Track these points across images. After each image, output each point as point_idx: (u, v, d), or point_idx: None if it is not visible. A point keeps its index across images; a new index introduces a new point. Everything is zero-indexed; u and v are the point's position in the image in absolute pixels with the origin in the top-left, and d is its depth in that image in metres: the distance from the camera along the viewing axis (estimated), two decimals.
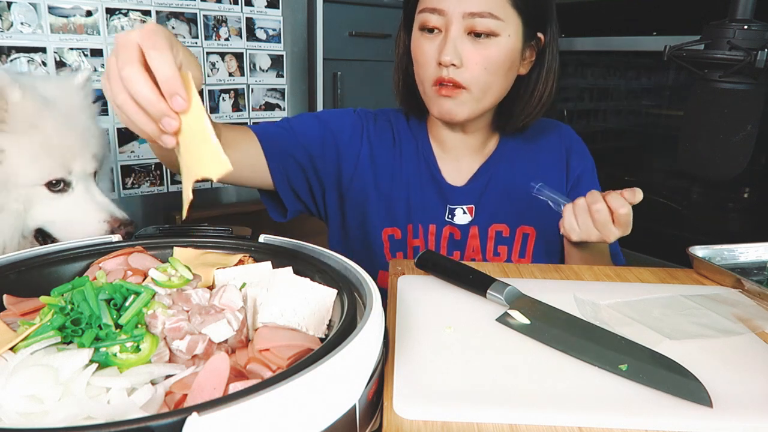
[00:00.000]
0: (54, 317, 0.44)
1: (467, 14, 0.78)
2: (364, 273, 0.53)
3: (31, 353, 0.42)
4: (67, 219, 0.84)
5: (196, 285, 0.51)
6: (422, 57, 0.83)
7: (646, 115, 1.96)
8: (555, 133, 0.99)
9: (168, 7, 1.58)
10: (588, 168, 0.98)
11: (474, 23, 0.78)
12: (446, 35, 0.80)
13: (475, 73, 0.80)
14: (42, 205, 0.83)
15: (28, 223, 0.83)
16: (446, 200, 0.92)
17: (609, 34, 1.81)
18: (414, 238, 0.92)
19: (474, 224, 0.92)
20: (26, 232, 0.84)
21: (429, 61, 0.82)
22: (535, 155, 0.96)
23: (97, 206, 0.87)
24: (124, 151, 1.60)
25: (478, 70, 0.80)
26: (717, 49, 0.62)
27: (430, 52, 0.81)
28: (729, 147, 0.64)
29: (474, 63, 0.80)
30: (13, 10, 1.35)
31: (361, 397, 0.40)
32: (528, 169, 0.94)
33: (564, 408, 0.44)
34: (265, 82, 1.81)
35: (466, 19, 0.79)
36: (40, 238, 0.86)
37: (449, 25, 0.79)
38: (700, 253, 0.77)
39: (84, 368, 0.40)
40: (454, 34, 0.79)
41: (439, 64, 0.80)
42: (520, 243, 0.92)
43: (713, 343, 0.55)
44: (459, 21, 0.79)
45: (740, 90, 0.62)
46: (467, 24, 0.79)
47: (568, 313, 0.58)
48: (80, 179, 0.86)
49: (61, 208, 0.84)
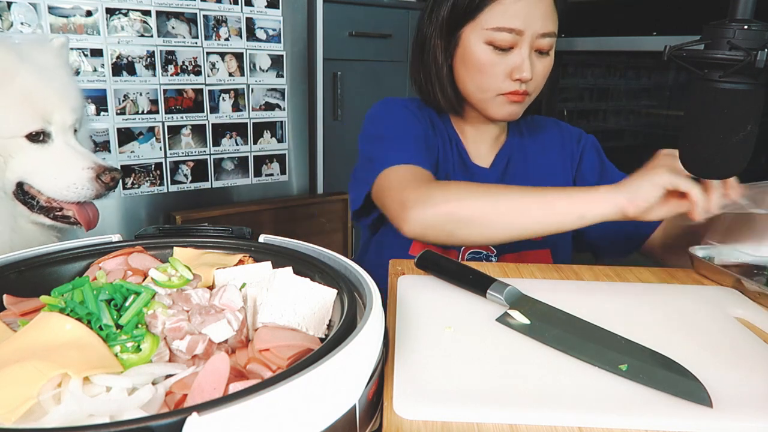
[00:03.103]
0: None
1: (540, 35, 0.88)
2: (364, 273, 0.53)
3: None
4: (49, 168, 0.85)
5: (196, 285, 0.51)
6: (491, 70, 0.89)
7: (646, 115, 1.96)
8: (551, 123, 1.09)
9: (168, 7, 1.58)
10: (589, 143, 1.05)
11: (542, 42, 0.88)
12: (520, 53, 0.88)
13: (538, 83, 0.92)
14: (23, 156, 0.83)
15: (8, 176, 0.84)
16: (474, 180, 0.97)
17: (609, 34, 1.81)
18: None
19: None
20: (7, 187, 0.85)
21: (499, 74, 0.89)
22: (541, 141, 1.04)
23: (79, 154, 0.87)
24: (124, 151, 1.60)
25: (540, 80, 0.92)
26: (717, 49, 0.62)
27: (501, 67, 0.89)
28: (729, 147, 0.64)
29: (539, 75, 0.91)
30: (13, 10, 1.35)
31: (361, 397, 0.40)
32: (537, 153, 1.03)
33: (564, 408, 0.44)
34: (265, 82, 1.81)
35: (537, 39, 0.88)
36: (20, 196, 0.86)
37: (522, 44, 0.88)
38: (700, 253, 0.77)
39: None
40: (527, 52, 0.88)
41: (515, 79, 0.88)
42: None
43: (713, 343, 0.55)
44: (532, 40, 0.88)
45: (740, 90, 0.62)
46: (537, 43, 0.88)
47: (568, 313, 0.58)
48: (60, 131, 0.87)
49: (43, 159, 0.85)
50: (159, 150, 1.66)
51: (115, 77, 1.54)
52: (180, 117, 1.68)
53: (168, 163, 1.68)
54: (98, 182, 0.87)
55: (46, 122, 0.85)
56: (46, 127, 0.85)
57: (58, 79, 0.88)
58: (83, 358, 0.40)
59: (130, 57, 1.55)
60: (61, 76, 0.89)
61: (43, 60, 0.87)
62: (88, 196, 0.87)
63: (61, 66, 0.91)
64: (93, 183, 0.86)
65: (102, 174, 0.86)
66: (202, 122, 1.72)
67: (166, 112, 1.65)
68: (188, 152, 1.72)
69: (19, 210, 0.87)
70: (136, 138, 1.61)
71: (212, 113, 1.73)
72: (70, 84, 0.90)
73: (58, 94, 0.86)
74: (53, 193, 0.86)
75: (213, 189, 1.79)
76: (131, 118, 1.59)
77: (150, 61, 1.59)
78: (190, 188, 1.74)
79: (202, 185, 1.76)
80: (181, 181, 1.72)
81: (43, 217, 0.89)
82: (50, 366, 0.38)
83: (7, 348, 0.41)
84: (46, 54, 0.89)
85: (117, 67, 1.54)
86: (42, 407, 0.37)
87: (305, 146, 1.94)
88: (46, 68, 0.87)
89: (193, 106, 1.69)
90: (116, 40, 1.52)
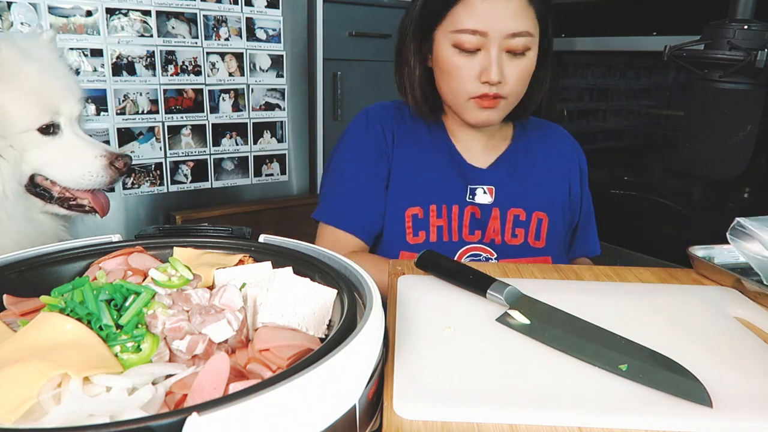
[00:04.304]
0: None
1: (508, 35, 0.84)
2: (364, 273, 0.53)
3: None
4: (63, 159, 0.88)
5: (196, 285, 0.51)
6: (460, 73, 0.87)
7: (646, 115, 1.96)
8: (557, 131, 1.07)
9: (168, 7, 1.58)
10: (584, 163, 1.06)
11: (513, 43, 0.84)
12: (488, 55, 0.85)
13: (513, 86, 0.87)
14: (37, 150, 0.86)
15: (24, 169, 0.86)
16: (467, 180, 0.96)
17: (609, 34, 1.81)
18: (438, 218, 0.95)
19: (495, 206, 0.96)
20: (22, 179, 0.87)
21: (468, 77, 0.87)
22: (548, 147, 1.03)
23: (89, 144, 0.91)
24: (123, 152, 1.60)
25: (515, 83, 0.87)
26: (717, 49, 0.62)
27: (469, 70, 0.86)
28: (729, 147, 0.64)
29: (513, 77, 0.86)
30: (13, 10, 1.35)
31: (361, 397, 0.40)
32: (543, 157, 1.01)
33: (564, 408, 0.44)
34: (265, 82, 1.81)
35: (506, 40, 0.84)
36: (33, 188, 0.89)
37: (490, 45, 0.84)
38: (700, 253, 0.77)
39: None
40: (495, 55, 0.84)
41: (483, 82, 0.85)
42: (535, 226, 0.96)
43: (713, 343, 0.55)
44: (499, 41, 0.84)
45: (740, 90, 0.62)
46: (506, 44, 0.84)
47: (568, 313, 0.58)
48: (68, 122, 0.89)
49: (56, 150, 0.87)
50: (159, 150, 1.66)
51: (115, 77, 1.54)
52: (180, 117, 1.68)
53: (168, 163, 1.68)
54: (112, 168, 0.90)
55: (55, 114, 0.87)
56: (56, 119, 0.87)
57: (60, 72, 0.90)
58: (83, 358, 0.40)
59: (130, 57, 1.55)
60: (61, 69, 0.91)
61: (41, 54, 0.89)
62: (102, 183, 0.90)
63: (58, 59, 0.93)
64: (107, 170, 0.89)
65: (115, 161, 0.90)
66: (202, 122, 1.72)
67: (166, 112, 1.65)
68: (188, 152, 1.71)
69: (32, 201, 0.90)
70: (136, 138, 1.61)
71: (212, 113, 1.73)
72: (71, 76, 0.93)
73: (62, 86, 0.88)
74: (69, 182, 0.89)
75: (213, 189, 1.78)
76: (131, 118, 1.59)
77: (150, 61, 1.59)
78: (190, 188, 1.74)
79: (202, 185, 1.76)
80: (181, 181, 1.72)
81: (58, 207, 0.91)
82: (50, 366, 0.38)
83: (7, 348, 0.41)
84: (41, 49, 0.91)
85: (117, 67, 1.54)
86: (42, 407, 0.37)
87: (305, 146, 1.94)
88: (46, 62, 0.89)
89: (193, 106, 1.69)
90: (116, 40, 1.52)
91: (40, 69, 0.86)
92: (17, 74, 0.82)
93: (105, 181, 0.90)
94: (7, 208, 0.85)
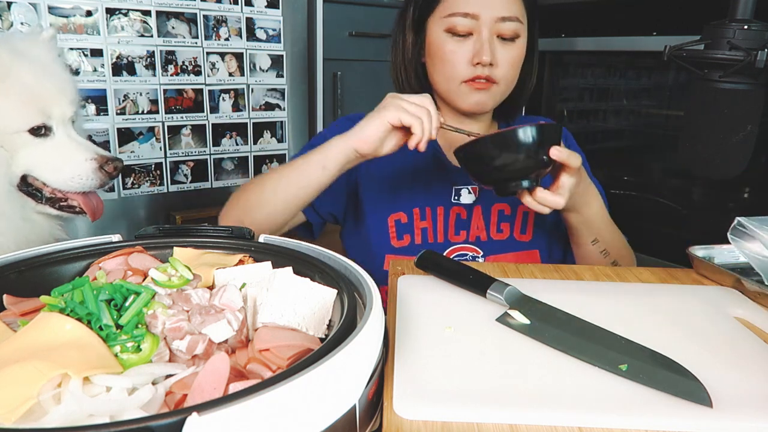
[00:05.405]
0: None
1: (498, 18, 0.87)
2: (364, 273, 0.53)
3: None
4: (53, 161, 0.87)
5: (196, 285, 0.51)
6: (453, 57, 0.89)
7: (646, 115, 1.96)
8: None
9: (168, 7, 1.58)
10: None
11: (503, 27, 0.87)
12: (479, 38, 0.87)
13: (505, 71, 0.90)
14: (27, 151, 0.86)
15: (14, 170, 0.86)
16: (452, 182, 0.96)
17: (609, 34, 1.81)
18: (422, 221, 0.95)
19: (478, 204, 0.96)
20: (13, 179, 0.87)
21: (461, 61, 0.89)
22: None
23: (80, 146, 0.90)
24: (124, 151, 1.60)
25: (507, 68, 0.90)
26: (717, 49, 0.62)
27: (461, 53, 0.88)
28: (729, 147, 0.64)
29: (505, 62, 0.89)
30: (13, 10, 1.35)
31: (361, 397, 0.40)
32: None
33: (564, 408, 0.44)
34: (265, 82, 1.81)
35: (497, 23, 0.87)
36: (25, 188, 0.88)
37: (481, 28, 0.87)
38: (700, 253, 0.77)
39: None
40: (487, 37, 0.87)
41: (475, 63, 0.87)
42: (521, 220, 0.97)
43: (713, 343, 0.55)
44: (490, 25, 0.87)
45: (740, 90, 0.62)
46: (496, 28, 0.87)
47: (568, 313, 0.58)
48: (60, 124, 0.89)
49: (47, 152, 0.87)
50: (159, 150, 1.66)
51: (115, 77, 1.54)
52: (180, 117, 1.68)
53: (168, 163, 1.68)
54: (102, 172, 0.89)
55: (46, 116, 0.86)
56: (47, 120, 0.87)
57: (54, 73, 0.90)
58: (83, 358, 0.40)
59: (130, 57, 1.55)
60: (56, 70, 0.91)
61: (37, 54, 0.89)
62: (92, 186, 0.90)
63: (55, 59, 0.92)
64: (97, 173, 0.89)
65: (105, 164, 0.89)
66: (202, 122, 1.72)
67: (166, 112, 1.65)
68: (188, 152, 1.71)
69: (27, 201, 0.90)
70: (136, 138, 1.61)
71: (212, 113, 1.73)
72: (65, 77, 0.92)
73: (56, 88, 0.88)
74: (58, 184, 0.88)
75: (213, 189, 1.78)
76: (131, 118, 1.59)
77: (150, 61, 1.59)
78: (190, 188, 1.74)
79: (202, 185, 1.76)
80: (181, 181, 1.72)
81: (49, 207, 0.91)
82: (50, 366, 0.38)
83: (7, 348, 0.41)
84: (39, 48, 0.90)
85: (117, 67, 1.54)
86: (42, 407, 0.37)
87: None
88: (41, 63, 0.88)
89: (193, 106, 1.69)
90: (116, 40, 1.52)
91: (34, 70, 0.85)
92: (10, 75, 0.82)
93: (94, 184, 0.89)
94: (1, 207, 0.85)
